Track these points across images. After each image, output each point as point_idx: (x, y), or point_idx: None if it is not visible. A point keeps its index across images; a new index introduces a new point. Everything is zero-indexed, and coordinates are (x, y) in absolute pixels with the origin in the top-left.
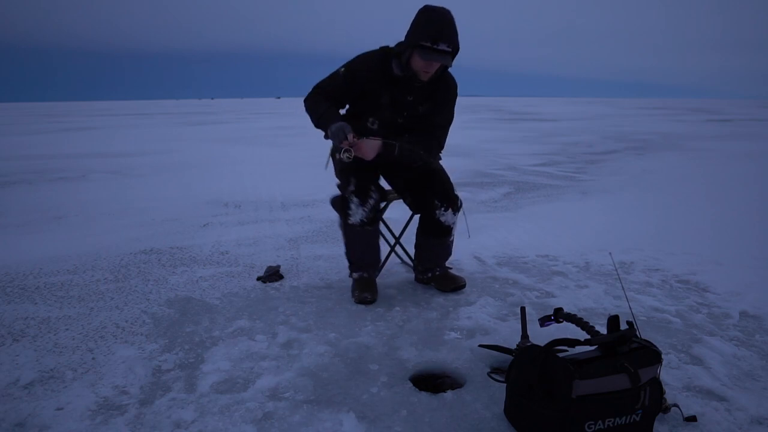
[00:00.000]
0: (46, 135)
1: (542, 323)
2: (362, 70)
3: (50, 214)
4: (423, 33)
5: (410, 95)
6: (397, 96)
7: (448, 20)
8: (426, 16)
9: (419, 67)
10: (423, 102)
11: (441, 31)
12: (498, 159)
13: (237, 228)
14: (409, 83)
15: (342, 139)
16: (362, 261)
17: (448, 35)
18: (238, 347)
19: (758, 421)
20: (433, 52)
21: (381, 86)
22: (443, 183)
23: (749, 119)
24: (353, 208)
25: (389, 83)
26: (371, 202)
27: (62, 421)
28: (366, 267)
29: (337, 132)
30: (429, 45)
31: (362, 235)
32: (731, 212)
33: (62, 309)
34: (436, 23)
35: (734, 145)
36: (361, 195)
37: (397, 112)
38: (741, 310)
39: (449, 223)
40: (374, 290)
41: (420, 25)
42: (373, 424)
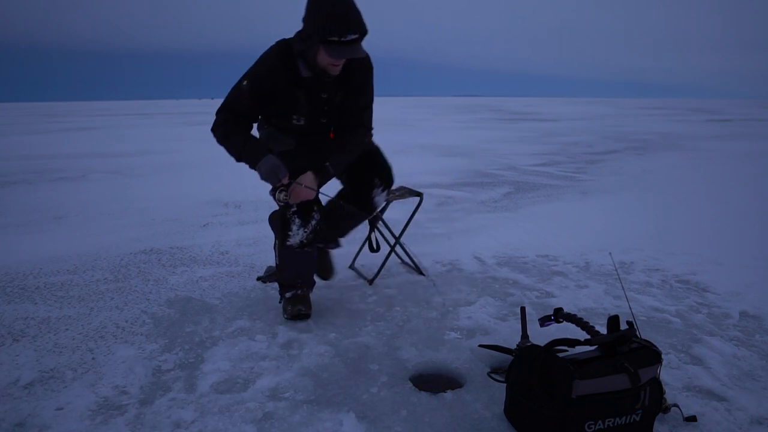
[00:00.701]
0: (46, 135)
1: (542, 323)
2: (266, 76)
3: (50, 214)
4: (327, 27)
5: (323, 92)
6: (312, 93)
7: (348, 5)
8: (323, 5)
9: (328, 62)
10: (337, 91)
11: (346, 20)
12: (498, 159)
13: (237, 228)
14: (319, 81)
15: (276, 182)
16: (296, 281)
17: (355, 21)
18: (238, 347)
19: (758, 421)
20: (342, 46)
21: (291, 86)
22: (384, 163)
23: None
24: (294, 229)
25: (298, 84)
26: (313, 223)
27: (62, 421)
28: (300, 286)
29: (269, 175)
30: (336, 39)
31: (300, 256)
32: (731, 212)
33: (62, 309)
34: (338, 13)
35: (734, 145)
36: (304, 215)
37: (317, 109)
38: (741, 310)
39: (378, 205)
40: (308, 304)
41: (321, 17)
42: (373, 424)
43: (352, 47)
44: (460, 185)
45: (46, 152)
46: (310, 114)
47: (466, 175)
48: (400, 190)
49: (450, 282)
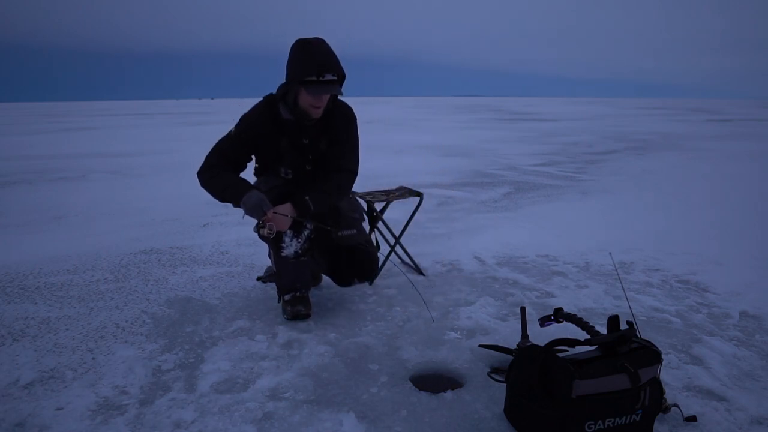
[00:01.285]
0: (46, 135)
1: (542, 323)
2: (251, 126)
3: (50, 214)
4: (305, 68)
5: (305, 137)
6: (293, 140)
7: (326, 49)
8: (303, 50)
9: (308, 103)
10: (320, 139)
11: (323, 61)
12: (498, 159)
13: (237, 228)
14: (301, 125)
15: (260, 216)
16: (294, 285)
17: (332, 64)
18: (238, 347)
19: (758, 421)
20: (321, 85)
21: (274, 135)
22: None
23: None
24: (287, 241)
25: (281, 130)
26: (306, 232)
27: (62, 421)
28: (299, 288)
29: (254, 209)
30: (314, 78)
31: (296, 265)
32: (731, 212)
33: (62, 309)
34: (315, 55)
35: (734, 145)
36: (295, 226)
37: (302, 156)
38: (741, 310)
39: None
40: (308, 304)
41: (299, 61)
42: (373, 424)
43: (330, 86)
44: (460, 185)
45: (46, 152)
46: (295, 163)
47: (466, 175)
48: (400, 190)
49: (450, 282)
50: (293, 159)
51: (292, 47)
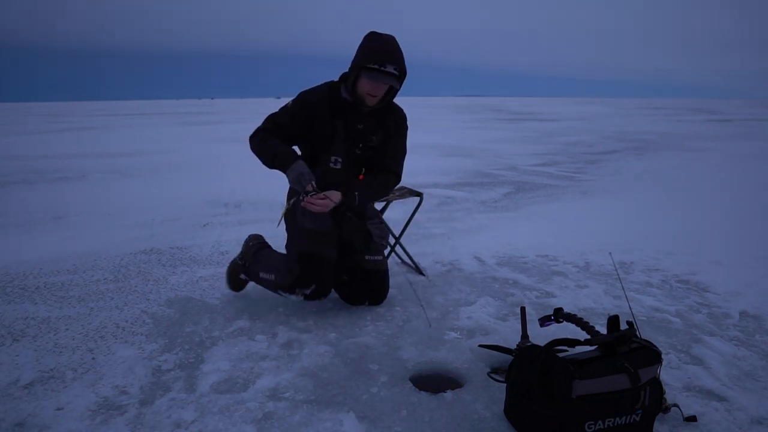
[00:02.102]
0: (46, 135)
1: (542, 323)
2: (311, 99)
3: (50, 214)
4: (369, 55)
5: (360, 123)
6: (349, 124)
7: (393, 44)
8: (372, 40)
9: (366, 90)
10: (374, 130)
11: (388, 53)
12: (498, 159)
13: (237, 228)
14: (358, 110)
15: (302, 188)
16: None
17: (396, 58)
18: (238, 347)
19: (758, 421)
20: (380, 74)
21: (331, 114)
22: (379, 289)
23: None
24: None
25: (339, 110)
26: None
27: (62, 421)
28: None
29: (296, 181)
30: (376, 67)
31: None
32: (731, 212)
33: (62, 309)
34: (382, 46)
35: (734, 145)
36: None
37: (353, 143)
38: (741, 310)
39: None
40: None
41: (366, 49)
42: (373, 424)
43: (389, 77)
44: (461, 185)
45: (46, 152)
46: (346, 150)
47: (466, 175)
48: (400, 190)
49: (450, 282)
50: (345, 145)
51: (364, 37)
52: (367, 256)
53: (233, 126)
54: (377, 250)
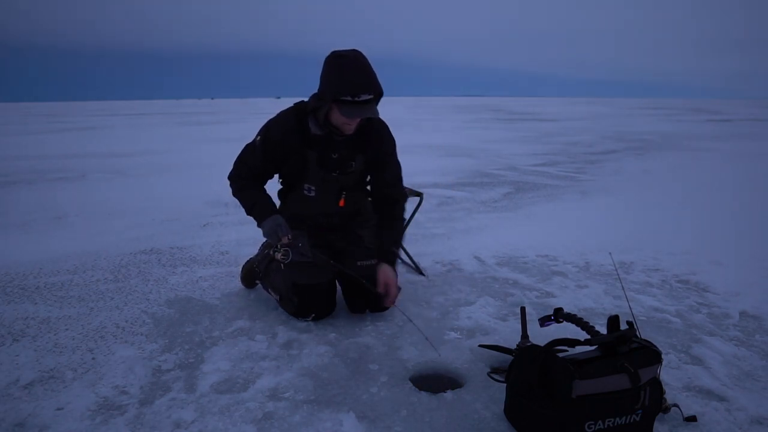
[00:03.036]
0: (46, 135)
1: (542, 323)
2: (278, 136)
3: (50, 214)
4: (340, 86)
5: (335, 152)
6: (322, 155)
7: (362, 65)
8: (338, 65)
9: (341, 122)
10: (353, 156)
11: (360, 81)
12: (498, 159)
13: (237, 228)
14: (331, 140)
15: (276, 241)
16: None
17: (368, 82)
18: (238, 347)
19: (758, 421)
20: (356, 106)
21: (302, 147)
22: (374, 294)
23: (749, 119)
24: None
25: (310, 143)
26: (329, 315)
27: (62, 421)
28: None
29: (271, 233)
30: (350, 99)
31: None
32: (731, 212)
33: (62, 309)
34: (351, 72)
35: (734, 145)
36: (320, 319)
37: (328, 171)
38: (741, 310)
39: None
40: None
41: (334, 78)
42: (373, 424)
43: (365, 107)
44: (461, 185)
45: (46, 152)
46: (321, 181)
47: (466, 175)
48: None
49: (450, 282)
50: (320, 174)
51: (326, 60)
52: (359, 262)
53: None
54: (369, 255)
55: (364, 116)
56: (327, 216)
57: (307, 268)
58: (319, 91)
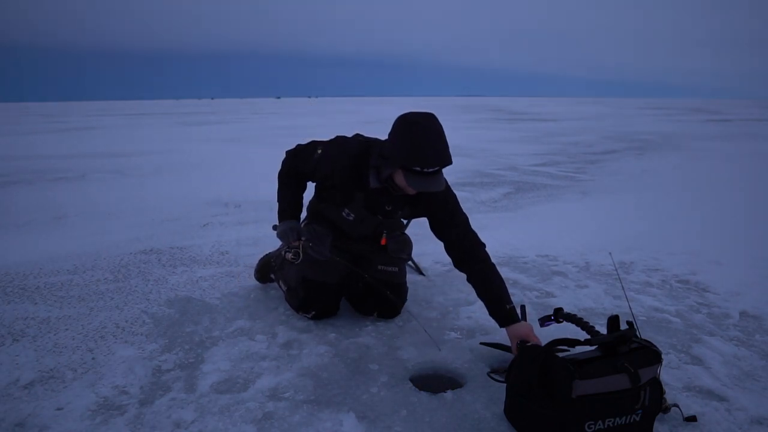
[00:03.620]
0: (46, 135)
1: (542, 323)
2: (335, 167)
3: (50, 214)
4: (410, 156)
5: (389, 204)
6: (373, 201)
7: (436, 135)
8: (413, 132)
9: (403, 185)
10: (403, 207)
11: (431, 153)
12: (498, 159)
13: (237, 228)
14: (388, 193)
15: (287, 242)
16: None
17: (439, 155)
18: (238, 347)
19: (758, 421)
20: (423, 177)
21: (354, 189)
22: (388, 301)
23: (749, 119)
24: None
25: (363, 189)
26: (330, 316)
27: (62, 421)
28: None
29: (282, 236)
30: (419, 170)
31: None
32: (731, 212)
33: (62, 309)
34: (424, 144)
35: (734, 145)
36: (320, 318)
37: (373, 211)
38: (741, 310)
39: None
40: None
41: (407, 145)
42: (373, 424)
43: (433, 179)
44: (460, 185)
45: (46, 152)
46: (362, 214)
47: (466, 175)
48: None
49: (450, 282)
50: (360, 210)
51: (400, 121)
52: (379, 266)
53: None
54: (392, 262)
55: (429, 190)
56: (358, 236)
57: (321, 266)
58: (387, 150)
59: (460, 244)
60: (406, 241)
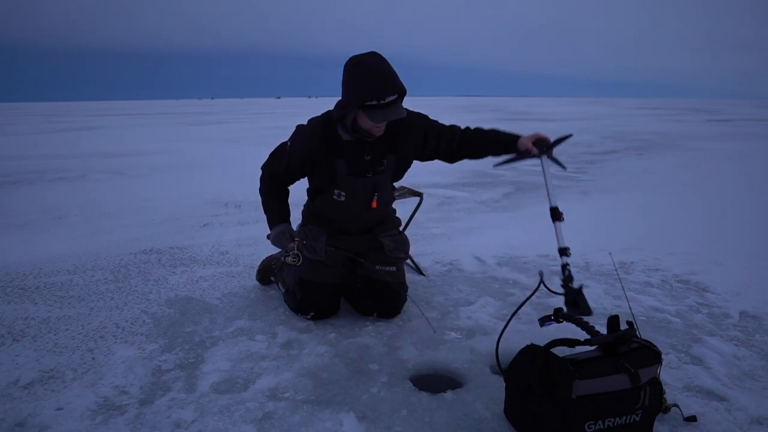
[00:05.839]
0: (46, 135)
1: (542, 323)
2: (306, 145)
3: (50, 214)
4: (364, 92)
5: (367, 155)
6: (354, 160)
7: (383, 67)
8: (359, 71)
9: (369, 126)
10: (386, 154)
11: (382, 83)
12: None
13: (237, 228)
14: (362, 143)
15: (282, 247)
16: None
17: (391, 84)
18: (238, 347)
19: (758, 421)
20: (382, 109)
21: (332, 156)
22: (392, 302)
23: (749, 119)
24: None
25: (339, 150)
26: (329, 317)
27: (62, 421)
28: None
29: (277, 241)
30: (375, 103)
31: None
32: (731, 212)
33: (62, 309)
34: (373, 76)
35: (734, 146)
36: (319, 319)
37: (361, 174)
38: (741, 310)
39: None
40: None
41: (357, 84)
42: (373, 424)
43: (392, 109)
44: (460, 185)
45: (46, 152)
46: (351, 187)
47: (466, 175)
48: (400, 190)
49: (450, 282)
50: (348, 181)
51: (345, 66)
52: (378, 267)
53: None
54: (390, 261)
55: (391, 119)
56: (354, 221)
57: (318, 267)
58: (343, 99)
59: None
60: (404, 241)
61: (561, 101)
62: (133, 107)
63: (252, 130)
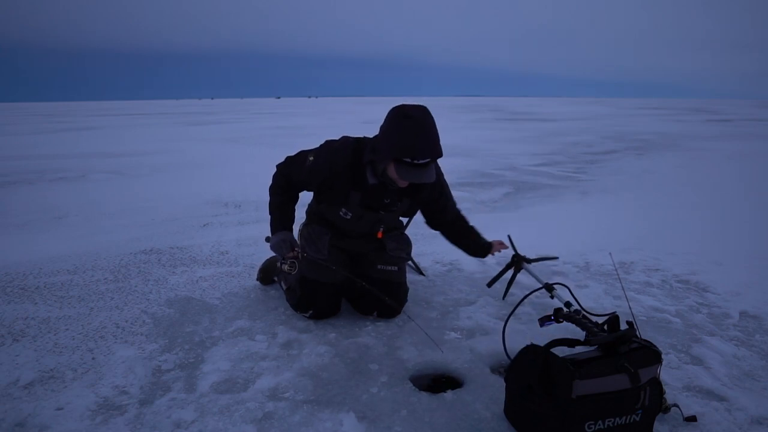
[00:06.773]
0: (46, 135)
1: (542, 323)
2: (330, 170)
3: (50, 214)
4: (401, 147)
5: (386, 198)
6: (370, 198)
7: (427, 128)
8: (402, 125)
9: (396, 178)
10: (401, 199)
11: (421, 145)
12: (498, 159)
13: (237, 228)
14: (384, 188)
15: (281, 255)
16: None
17: (429, 147)
18: (238, 347)
19: (758, 421)
20: (414, 169)
21: (350, 188)
22: (389, 304)
23: (749, 119)
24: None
25: (361, 185)
26: (328, 317)
27: (62, 421)
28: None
29: (276, 249)
30: (408, 161)
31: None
32: (731, 212)
33: (62, 309)
34: (414, 135)
35: (734, 145)
36: (318, 318)
37: (372, 209)
38: (741, 310)
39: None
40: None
41: (396, 137)
42: (373, 424)
43: (422, 171)
44: (460, 185)
45: (46, 152)
46: (360, 213)
47: (466, 175)
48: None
49: (450, 282)
50: (358, 209)
51: (391, 113)
52: (379, 266)
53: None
54: (391, 261)
55: (418, 181)
56: (356, 233)
57: (320, 267)
58: (380, 144)
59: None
60: (406, 241)
61: (561, 101)
62: (133, 107)
63: (252, 130)
